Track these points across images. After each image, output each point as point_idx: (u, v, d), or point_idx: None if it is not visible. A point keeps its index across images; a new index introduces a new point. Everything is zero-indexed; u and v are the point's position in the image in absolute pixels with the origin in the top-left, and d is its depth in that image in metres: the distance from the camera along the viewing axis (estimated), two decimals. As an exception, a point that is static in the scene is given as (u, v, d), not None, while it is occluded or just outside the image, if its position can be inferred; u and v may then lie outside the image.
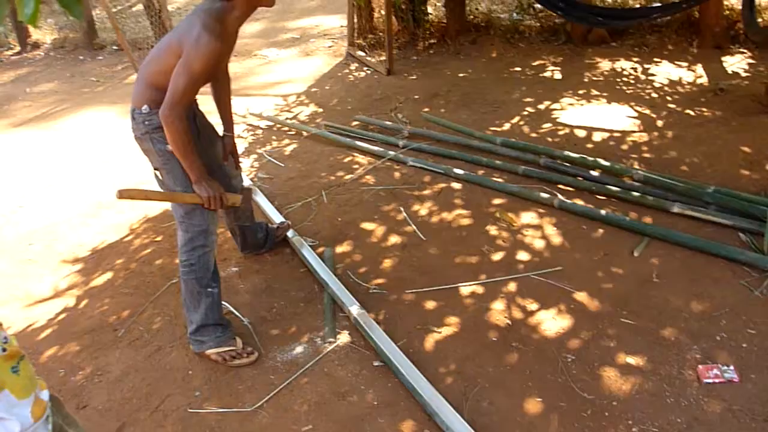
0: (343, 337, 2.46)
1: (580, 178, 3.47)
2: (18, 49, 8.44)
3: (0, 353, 1.11)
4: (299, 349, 2.44)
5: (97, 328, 2.71)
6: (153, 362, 2.46)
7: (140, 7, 6.59)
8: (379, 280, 2.81)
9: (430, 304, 2.60)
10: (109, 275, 3.14)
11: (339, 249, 3.06)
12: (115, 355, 2.52)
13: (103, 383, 2.37)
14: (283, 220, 3.28)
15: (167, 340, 2.50)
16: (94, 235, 3.56)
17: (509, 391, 2.11)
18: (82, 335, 2.67)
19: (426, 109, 4.90)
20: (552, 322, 2.42)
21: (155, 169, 2.24)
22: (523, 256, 2.87)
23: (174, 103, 1.91)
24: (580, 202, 3.23)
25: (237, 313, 2.60)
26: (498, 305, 2.55)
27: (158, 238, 3.39)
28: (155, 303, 2.84)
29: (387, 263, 2.94)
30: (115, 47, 7.80)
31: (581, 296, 2.55)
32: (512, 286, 2.67)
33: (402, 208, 3.39)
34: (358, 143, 4.31)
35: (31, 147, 5.07)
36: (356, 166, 4.08)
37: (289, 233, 3.16)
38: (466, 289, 2.68)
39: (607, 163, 3.49)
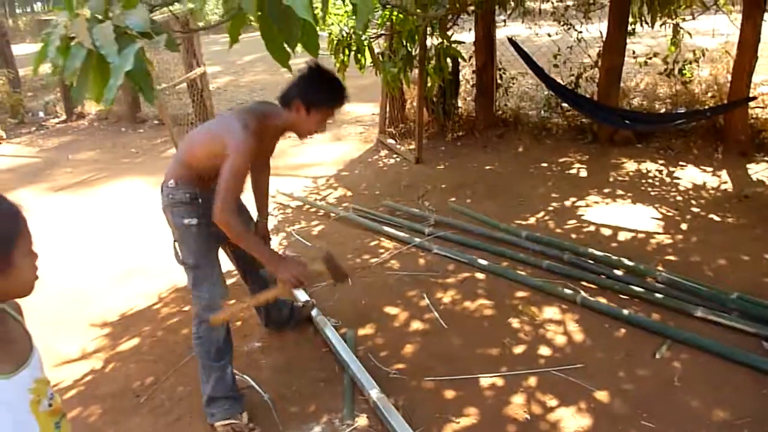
0: (362, 421, 2.47)
1: (604, 276, 3.51)
2: (64, 117, 8.86)
3: (47, 408, 1.20)
4: (317, 429, 2.46)
5: (120, 392, 2.76)
6: (172, 431, 2.47)
7: (183, 85, 6.90)
8: (400, 365, 2.83)
9: (450, 393, 2.62)
10: (135, 341, 3.21)
11: (361, 331, 3.07)
12: (135, 421, 2.56)
13: None
14: (308, 298, 3.33)
15: (187, 410, 2.54)
16: (123, 301, 3.65)
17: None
18: (105, 398, 2.72)
19: (453, 199, 5.02)
20: (571, 420, 2.43)
21: (174, 241, 2.36)
22: (544, 350, 2.90)
23: (225, 203, 2.01)
24: (603, 300, 3.27)
25: (258, 388, 2.65)
26: (517, 399, 2.56)
27: (185, 308, 3.47)
28: (178, 372, 2.88)
29: (408, 348, 2.96)
30: (156, 122, 8.16)
31: (602, 395, 2.56)
32: (532, 381, 2.68)
33: (425, 295, 3.38)
34: (385, 228, 4.40)
35: (68, 211, 5.27)
36: (382, 251, 4.14)
37: (313, 312, 3.21)
38: (486, 380, 2.70)
39: (631, 263, 3.54)
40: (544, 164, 5.70)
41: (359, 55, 4.96)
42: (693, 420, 2.38)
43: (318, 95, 2.13)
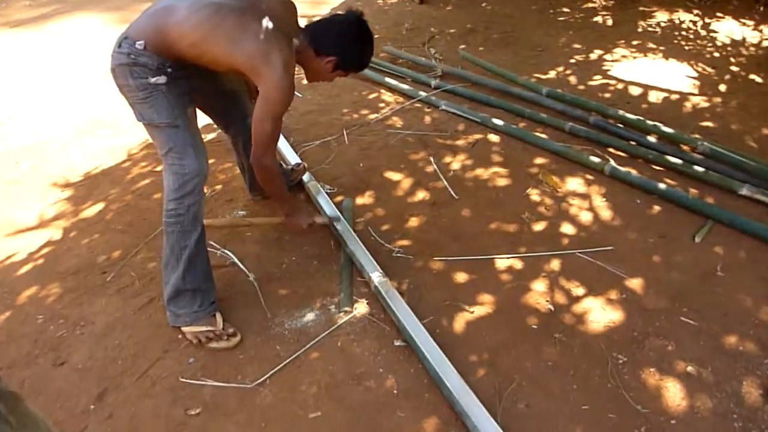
0: (361, 307, 2.20)
1: (635, 143, 3.11)
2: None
3: None
4: (310, 316, 2.18)
5: (83, 268, 2.46)
6: (143, 316, 2.21)
7: None
8: (404, 242, 2.54)
9: (461, 276, 2.34)
10: (100, 206, 2.87)
11: (360, 200, 2.80)
12: (101, 304, 2.27)
13: (86, 336, 2.12)
14: (299, 161, 3.00)
15: (161, 291, 2.21)
16: (87, 158, 3.27)
17: (550, 393, 1.85)
18: (66, 276, 2.42)
19: (462, 47, 4.50)
20: (600, 313, 2.14)
21: (132, 104, 1.97)
22: (568, 228, 2.58)
23: (266, 149, 1.94)
24: (633, 171, 2.91)
25: (241, 266, 2.34)
26: (539, 285, 2.28)
27: (158, 168, 3.11)
28: (150, 245, 2.57)
29: (413, 222, 2.67)
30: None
31: (634, 284, 2.26)
32: (555, 264, 2.39)
33: (432, 159, 3.10)
34: (386, 79, 3.97)
35: (26, 51, 4.68)
36: (382, 105, 3.76)
37: (305, 177, 2.89)
38: (502, 262, 2.41)
39: (669, 130, 3.12)
40: (566, 9, 5.08)
41: None
42: (739, 317, 2.11)
43: (354, 59, 2.05)
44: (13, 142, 3.43)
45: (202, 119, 2.25)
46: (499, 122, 3.39)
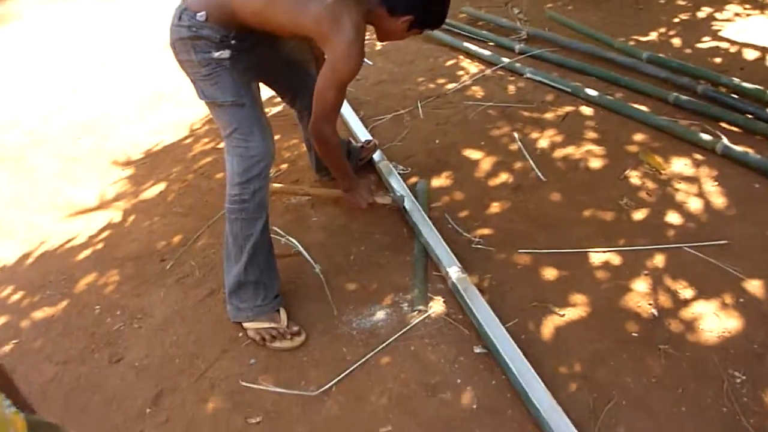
0: (437, 306, 2.08)
1: (752, 117, 2.82)
2: None
3: None
4: (380, 314, 2.08)
5: (143, 255, 2.44)
6: (202, 310, 2.16)
7: None
8: (485, 231, 2.40)
9: (550, 273, 2.18)
10: (161, 186, 2.85)
11: (435, 182, 2.67)
12: (159, 295, 2.24)
13: (143, 331, 2.10)
14: (370, 138, 2.89)
15: (221, 282, 2.17)
16: (149, 134, 3.27)
17: (654, 416, 1.69)
18: (124, 262, 2.41)
19: (549, 5, 4.23)
20: (713, 320, 1.94)
21: (194, 81, 1.94)
22: (673, 218, 2.36)
23: (328, 119, 1.91)
24: (750, 150, 2.62)
25: (307, 255, 2.21)
26: (640, 285, 2.09)
27: (220, 145, 3.04)
28: (211, 230, 2.52)
29: (495, 208, 2.52)
30: None
31: (754, 286, 2.04)
32: (659, 260, 2.18)
33: (516, 135, 2.93)
34: (465, 44, 3.80)
35: (81, 18, 4.72)
36: (460, 73, 3.58)
37: (376, 155, 2.78)
38: (597, 256, 2.22)
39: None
40: (669, -40, 4.66)
41: None
42: None
43: (433, 16, 1.95)
44: (76, 116, 3.47)
45: (265, 92, 2.19)
46: (592, 92, 3.16)
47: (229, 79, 1.88)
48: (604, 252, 2.24)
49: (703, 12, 4.02)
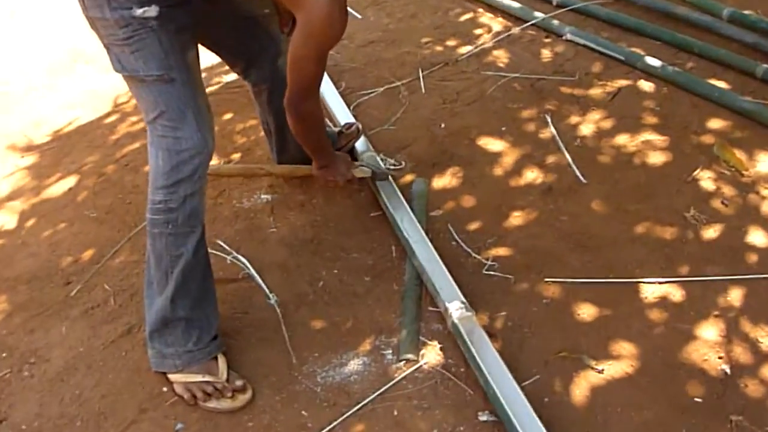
0: (431, 355, 2.06)
1: None
2: None
3: None
4: (355, 365, 2.06)
5: (41, 275, 2.42)
6: (117, 354, 2.13)
7: None
8: (502, 250, 2.38)
9: (587, 311, 2.16)
10: (71, 182, 2.84)
11: (438, 182, 2.67)
12: (60, 331, 2.22)
13: (36, 382, 2.07)
14: (352, 120, 2.87)
15: (143, 317, 2.14)
16: (60, 108, 3.27)
17: None
18: (16, 285, 2.39)
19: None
20: (808, 382, 1.88)
21: (107, 47, 1.91)
22: (758, 237, 2.34)
23: (308, 94, 1.99)
24: None
25: (259, 281, 2.18)
26: (708, 330, 2.06)
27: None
28: (135, 243, 2.49)
29: (516, 219, 2.51)
30: None
31: None
32: (736, 296, 2.15)
33: (549, 118, 2.91)
34: None
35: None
36: (479, 32, 3.58)
37: (359, 144, 2.76)
38: (652, 289, 2.20)
39: None
40: None
41: None
42: None
43: None
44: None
45: (209, 58, 2.23)
46: (654, 62, 3.14)
47: (156, 45, 1.83)
48: (661, 283, 2.22)
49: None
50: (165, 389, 2.02)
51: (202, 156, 1.92)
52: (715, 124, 2.85)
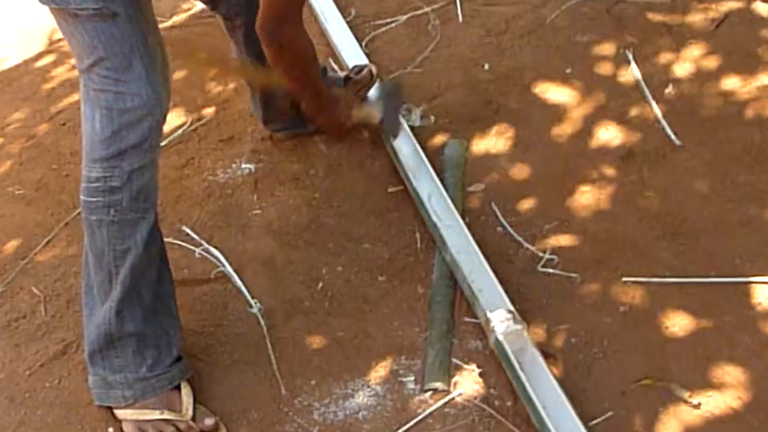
0: (467, 382, 2.06)
1: None
2: None
3: None
4: (365, 397, 2.06)
5: None
6: (47, 381, 2.14)
7: None
8: (563, 239, 2.38)
9: (679, 322, 2.13)
10: None
11: (479, 144, 2.69)
12: None
13: None
14: (364, 61, 2.89)
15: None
16: None
17: None
18: None
19: None
20: None
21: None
22: None
23: (286, 17, 2.00)
24: None
25: (236, 281, 2.26)
26: None
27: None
28: (73, 229, 2.50)
29: (584, 196, 2.49)
30: None
31: None
32: None
33: (631, 56, 2.89)
34: None
35: None
36: None
37: (372, 91, 2.75)
38: (766, 291, 2.16)
39: None
40: None
41: None
42: None
43: None
44: None
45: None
46: None
47: (104, 36, 1.85)
48: (778, 284, 2.19)
49: None
50: (111, 430, 2.03)
51: (154, 117, 1.92)
52: None
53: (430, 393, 2.05)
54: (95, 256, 1.98)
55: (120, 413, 2.01)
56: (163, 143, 2.29)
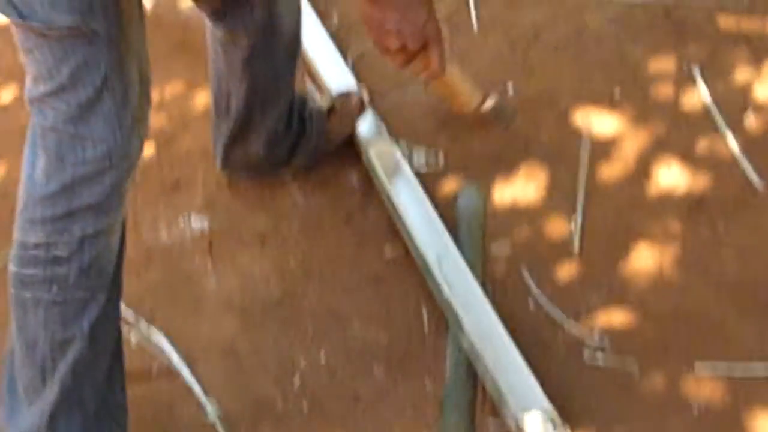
0: None
1: None
2: None
3: None
4: None
5: None
6: None
7: None
8: (616, 316, 2.37)
9: None
10: None
11: (503, 190, 2.70)
12: None
13: None
14: (352, 84, 2.91)
15: None
16: None
17: None
18: None
19: None
20: None
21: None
22: None
23: None
24: None
25: (187, 376, 2.27)
26: None
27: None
28: None
29: (643, 257, 2.49)
30: None
31: None
32: None
33: (697, 72, 2.91)
34: None
35: None
36: None
37: (364, 125, 2.78)
38: None
39: None
40: None
41: None
42: None
43: None
44: None
45: None
46: None
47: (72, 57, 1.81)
48: None
49: None
50: None
51: (119, 171, 1.90)
52: None
53: None
54: (25, 343, 1.98)
55: None
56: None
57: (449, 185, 2.72)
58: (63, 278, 1.92)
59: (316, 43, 3.08)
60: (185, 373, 2.20)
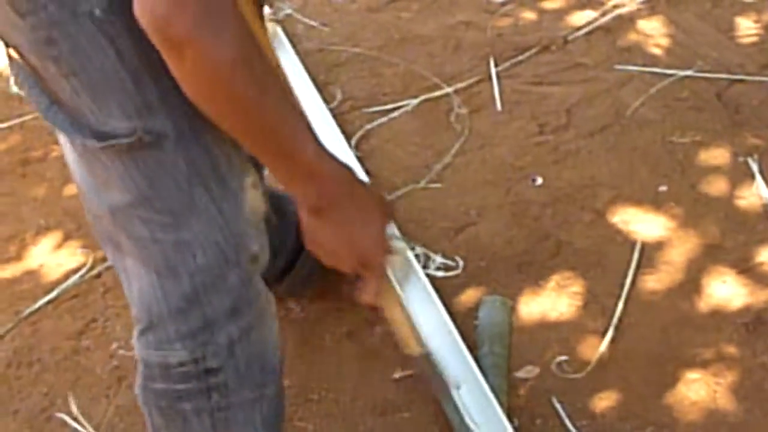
0: None
1: None
2: None
3: None
4: None
5: None
6: None
7: None
8: None
9: None
10: None
11: (530, 303, 2.69)
12: None
13: None
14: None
15: None
16: None
17: None
18: None
19: None
20: None
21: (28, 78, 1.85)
22: None
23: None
24: None
25: None
26: None
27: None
28: (22, 335, 2.58)
29: (693, 386, 2.47)
30: None
31: None
32: None
33: (755, 165, 2.93)
34: None
35: None
36: None
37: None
38: None
39: None
40: None
41: None
42: None
43: None
44: None
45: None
46: None
47: (115, 65, 1.72)
48: None
49: None
50: None
51: (241, 267, 1.91)
52: None
53: None
54: None
55: None
56: (50, 295, 2.39)
57: (468, 294, 2.71)
58: (222, 386, 1.97)
59: (315, 122, 3.05)
60: None
